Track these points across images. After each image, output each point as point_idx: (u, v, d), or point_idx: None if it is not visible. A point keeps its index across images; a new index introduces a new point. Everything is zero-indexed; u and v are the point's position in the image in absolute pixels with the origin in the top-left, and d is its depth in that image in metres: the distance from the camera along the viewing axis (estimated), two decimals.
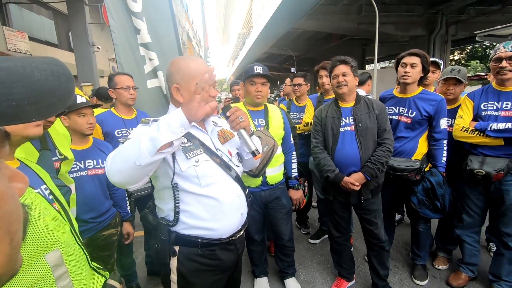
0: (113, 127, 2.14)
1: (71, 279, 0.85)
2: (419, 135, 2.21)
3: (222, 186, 1.22)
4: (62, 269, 0.83)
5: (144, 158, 0.93)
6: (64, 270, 0.83)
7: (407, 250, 2.82)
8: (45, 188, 0.93)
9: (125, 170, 0.97)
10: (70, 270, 0.85)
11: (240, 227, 1.31)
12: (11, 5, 8.52)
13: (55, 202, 0.92)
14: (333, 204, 2.15)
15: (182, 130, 0.97)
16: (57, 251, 0.82)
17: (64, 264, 0.83)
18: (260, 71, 1.96)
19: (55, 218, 0.87)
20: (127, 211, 2.00)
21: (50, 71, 0.25)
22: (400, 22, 16.16)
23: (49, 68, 0.25)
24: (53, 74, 0.25)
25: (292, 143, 2.26)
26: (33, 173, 0.94)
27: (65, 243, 0.86)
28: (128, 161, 0.95)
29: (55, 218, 0.87)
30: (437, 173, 2.16)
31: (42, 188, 0.91)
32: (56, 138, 1.42)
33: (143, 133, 0.96)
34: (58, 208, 0.92)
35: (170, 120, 0.96)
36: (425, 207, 2.19)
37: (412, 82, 2.18)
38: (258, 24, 22.85)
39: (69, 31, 9.62)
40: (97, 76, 8.80)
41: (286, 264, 2.37)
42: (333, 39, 21.09)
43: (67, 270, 0.84)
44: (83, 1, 8.37)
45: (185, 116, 0.97)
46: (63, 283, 0.83)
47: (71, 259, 0.87)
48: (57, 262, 0.81)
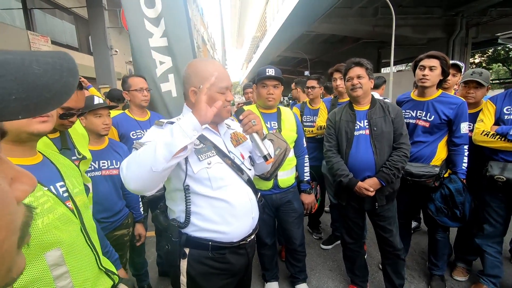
0: (128, 129, 2.18)
1: (72, 279, 0.85)
2: (438, 139, 2.13)
3: (234, 189, 1.21)
4: (62, 269, 0.83)
5: (160, 164, 0.93)
6: (64, 270, 0.83)
7: (424, 259, 2.72)
8: (61, 186, 0.93)
9: (141, 176, 0.97)
10: (71, 270, 0.85)
11: (251, 231, 1.29)
12: (36, 11, 8.91)
13: (69, 200, 0.93)
14: (346, 210, 2.10)
15: (195, 133, 0.97)
16: (57, 250, 0.82)
17: (64, 264, 0.83)
18: (272, 73, 1.95)
19: (63, 216, 0.87)
20: (139, 212, 2.02)
21: (52, 65, 0.23)
22: (417, 24, 15.81)
23: (52, 62, 0.24)
24: (54, 68, 0.23)
25: (304, 147, 2.23)
26: (53, 169, 0.95)
27: (69, 243, 0.86)
28: (144, 168, 0.95)
29: (63, 217, 0.87)
30: (456, 180, 2.06)
31: (57, 185, 0.92)
32: (75, 138, 1.46)
33: (157, 139, 0.96)
34: (71, 206, 0.92)
35: (182, 124, 0.96)
36: (443, 215, 2.10)
37: (430, 86, 2.10)
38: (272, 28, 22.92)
39: (89, 35, 9.95)
40: (115, 78, 9.03)
41: (297, 269, 2.33)
42: (347, 42, 20.87)
43: (68, 270, 0.84)
44: (103, 6, 8.64)
45: (197, 119, 0.97)
46: (63, 283, 0.83)
47: (74, 259, 0.87)
48: (56, 261, 0.81)
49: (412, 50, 20.34)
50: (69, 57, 0.25)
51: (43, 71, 0.22)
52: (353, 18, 15.48)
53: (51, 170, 0.94)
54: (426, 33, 16.27)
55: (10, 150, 0.84)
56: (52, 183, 0.90)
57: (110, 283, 1.00)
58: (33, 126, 0.83)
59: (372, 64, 1.97)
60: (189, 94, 1.21)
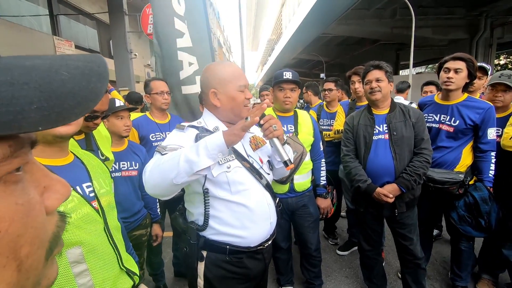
0: (148, 131, 2.22)
1: (92, 277, 0.87)
2: (462, 145, 2.04)
3: (253, 194, 1.21)
4: (83, 267, 0.86)
5: (182, 178, 0.97)
6: (84, 268, 0.86)
7: (446, 269, 2.61)
8: (88, 186, 0.96)
9: (161, 185, 1.02)
10: (91, 269, 0.87)
11: (268, 237, 1.29)
12: (61, 16, 9.31)
13: (95, 200, 0.96)
14: (364, 216, 2.05)
15: (220, 155, 0.99)
16: (78, 249, 0.84)
17: (84, 262, 0.86)
18: (289, 77, 1.94)
19: (87, 216, 0.90)
20: (157, 213, 2.06)
21: (81, 69, 0.22)
22: (438, 25, 15.34)
23: (82, 66, 0.23)
24: (83, 73, 0.22)
25: (321, 150, 2.20)
26: (82, 170, 0.98)
27: (90, 242, 0.88)
28: (166, 178, 0.99)
29: (86, 216, 0.89)
30: (482, 188, 1.97)
31: (84, 185, 0.95)
32: (99, 139, 1.51)
33: (182, 153, 0.98)
34: (97, 206, 0.95)
35: (209, 145, 0.97)
36: (466, 224, 2.01)
37: (455, 89, 2.01)
38: (288, 30, 22.90)
39: (110, 39, 10.30)
40: (134, 81, 9.30)
41: (313, 275, 2.29)
42: (365, 44, 20.52)
43: (88, 268, 0.86)
44: (124, 12, 8.93)
45: (225, 142, 0.98)
46: (83, 280, 0.85)
47: (95, 258, 0.89)
48: (76, 259, 0.84)
49: (432, 51, 19.76)
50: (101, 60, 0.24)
51: (70, 76, 0.22)
52: (370, 20, 15.21)
53: (81, 171, 0.98)
54: (448, 34, 15.75)
55: (41, 151, 0.88)
56: (79, 183, 0.94)
57: (131, 283, 1.02)
58: (56, 129, 0.86)
59: (391, 67, 1.92)
60: (209, 97, 1.23)
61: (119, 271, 0.99)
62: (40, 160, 0.86)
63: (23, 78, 0.19)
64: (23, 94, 0.19)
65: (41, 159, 0.88)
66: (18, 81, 0.19)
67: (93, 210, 0.93)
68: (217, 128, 1.23)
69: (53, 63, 0.21)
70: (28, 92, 0.19)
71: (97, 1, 11.05)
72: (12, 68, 0.20)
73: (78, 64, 0.23)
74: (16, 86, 0.19)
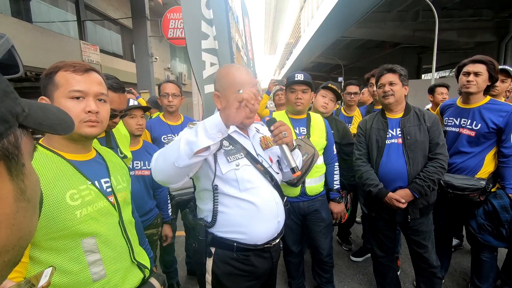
0: (160, 133, 2.28)
1: (104, 267, 0.92)
2: (485, 150, 1.96)
3: (261, 192, 1.22)
4: (96, 256, 0.91)
5: (183, 160, 0.99)
6: (97, 257, 0.91)
7: (466, 280, 2.49)
8: (106, 181, 1.02)
9: (165, 169, 1.05)
10: (104, 259, 0.92)
11: (276, 235, 1.29)
12: (87, 22, 9.78)
13: (111, 195, 1.01)
14: (377, 222, 2.01)
15: (220, 135, 1.00)
16: (92, 239, 0.90)
17: (98, 252, 0.91)
18: (300, 78, 1.95)
19: (103, 209, 0.95)
20: (167, 213, 2.08)
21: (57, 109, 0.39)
22: (464, 27, 14.78)
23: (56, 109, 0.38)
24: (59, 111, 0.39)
25: (334, 154, 2.17)
26: (102, 166, 1.05)
27: (104, 234, 0.93)
28: (169, 162, 1.02)
29: (103, 210, 0.95)
30: (503, 195, 1.88)
31: (102, 181, 1.01)
32: (118, 138, 1.58)
33: (182, 136, 1.02)
34: (113, 200, 1.01)
35: (207, 125, 0.99)
36: (486, 233, 1.92)
37: (476, 92, 1.95)
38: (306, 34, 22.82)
39: (132, 44, 10.69)
40: (154, 84, 9.57)
41: (324, 280, 2.26)
42: (385, 47, 20.07)
43: (101, 258, 0.92)
44: (146, 17, 9.25)
45: (222, 121, 0.99)
46: (96, 269, 0.91)
47: (109, 249, 0.94)
48: (91, 249, 0.90)
49: (457, 54, 19.01)
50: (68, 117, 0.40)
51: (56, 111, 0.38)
52: (391, 23, 14.89)
53: (100, 167, 1.04)
54: (474, 36, 15.13)
55: (65, 146, 0.95)
56: (97, 178, 1.00)
57: (141, 276, 1.06)
58: (82, 129, 0.94)
59: (411, 71, 1.88)
60: (214, 98, 1.27)
61: (131, 263, 1.03)
62: (64, 155, 0.94)
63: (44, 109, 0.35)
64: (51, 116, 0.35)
65: (66, 153, 0.95)
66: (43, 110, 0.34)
67: (109, 204, 0.98)
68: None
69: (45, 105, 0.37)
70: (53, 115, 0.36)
71: (121, 7, 11.50)
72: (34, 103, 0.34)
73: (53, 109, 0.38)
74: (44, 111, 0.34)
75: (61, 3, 8.76)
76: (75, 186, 0.90)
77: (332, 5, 12.74)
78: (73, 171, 0.93)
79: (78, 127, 0.93)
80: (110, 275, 0.94)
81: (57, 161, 0.91)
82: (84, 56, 8.60)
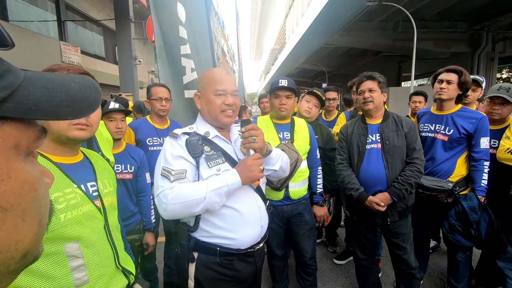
0: (145, 135, 2.25)
1: (88, 273, 0.90)
2: (457, 154, 2.07)
3: (242, 197, 1.23)
4: (79, 261, 0.88)
5: (201, 211, 1.14)
6: (81, 263, 0.89)
7: (443, 280, 2.58)
8: (92, 185, 1.00)
9: (182, 215, 1.16)
10: (87, 264, 0.90)
11: (259, 239, 1.30)
12: (68, 23, 9.51)
13: (98, 199, 1.00)
14: (358, 225, 2.05)
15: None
16: (75, 243, 0.88)
17: (82, 257, 0.89)
18: (284, 84, 1.98)
19: (88, 213, 0.93)
20: (150, 220, 1.99)
21: (83, 84, 0.31)
22: (440, 38, 15.52)
23: (82, 82, 0.31)
24: (85, 86, 0.31)
25: (318, 158, 2.21)
26: (89, 169, 1.03)
27: (89, 238, 0.91)
28: (189, 212, 1.13)
29: (88, 214, 0.93)
30: (472, 197, 1.98)
31: (88, 184, 0.99)
32: (100, 141, 1.55)
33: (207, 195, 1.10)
34: (99, 205, 0.99)
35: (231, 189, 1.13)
36: (457, 233, 2.02)
37: (448, 99, 2.06)
38: (291, 40, 23.17)
39: (115, 46, 10.48)
40: (137, 87, 9.41)
41: (308, 283, 2.27)
42: (367, 55, 20.71)
43: (84, 263, 0.89)
44: (130, 19, 9.11)
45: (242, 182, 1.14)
46: (79, 275, 0.88)
47: (93, 254, 0.92)
48: (74, 253, 0.87)
49: (434, 64, 19.89)
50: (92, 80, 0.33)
51: (78, 87, 0.30)
52: (373, 32, 15.41)
53: (87, 170, 1.03)
54: (450, 47, 15.91)
55: (52, 149, 0.94)
56: (84, 182, 0.98)
57: (126, 282, 1.03)
58: (71, 132, 0.93)
59: (392, 78, 1.96)
60: (194, 99, 1.29)
61: (115, 269, 1.01)
62: (51, 157, 0.92)
63: (52, 85, 0.28)
64: (56, 95, 0.28)
65: (52, 156, 0.93)
66: (50, 87, 0.28)
67: (95, 208, 0.96)
68: (208, 133, 1.26)
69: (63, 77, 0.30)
70: (58, 95, 0.28)
71: (104, 8, 11.28)
72: (41, 78, 0.28)
73: (79, 80, 0.31)
74: (50, 90, 0.28)
75: (41, 2, 8.48)
76: (60, 189, 0.88)
77: (316, 13, 13.03)
78: (59, 173, 0.91)
79: (67, 130, 0.92)
80: (94, 281, 0.91)
81: (43, 163, 0.89)
82: (64, 57, 8.35)
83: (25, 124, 0.28)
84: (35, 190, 0.29)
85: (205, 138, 1.23)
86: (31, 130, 0.28)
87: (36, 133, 0.29)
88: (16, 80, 0.26)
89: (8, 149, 0.26)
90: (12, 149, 0.27)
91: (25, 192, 0.28)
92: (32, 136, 0.28)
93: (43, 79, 0.28)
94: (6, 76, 0.25)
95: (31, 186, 0.28)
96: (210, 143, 1.23)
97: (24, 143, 0.28)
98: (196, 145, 1.18)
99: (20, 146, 0.27)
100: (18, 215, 0.27)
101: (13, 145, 0.27)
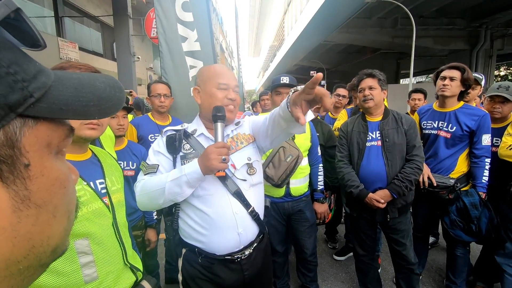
0: (147, 131, 2.26)
1: (97, 269, 0.91)
2: (459, 151, 2.08)
3: (215, 200, 1.16)
4: (89, 258, 0.90)
5: (168, 203, 1.15)
6: (90, 259, 0.90)
7: (442, 276, 2.61)
8: (101, 183, 1.02)
9: (151, 206, 1.20)
10: (96, 261, 0.91)
11: (241, 248, 1.20)
12: (66, 19, 9.42)
13: (106, 196, 1.01)
14: (358, 221, 2.07)
15: (199, 182, 1.13)
16: (85, 240, 0.89)
17: (91, 254, 0.90)
18: (286, 81, 1.99)
19: (97, 210, 0.94)
20: (151, 216, 2.02)
21: (107, 83, 0.32)
22: (439, 35, 15.52)
23: (107, 82, 0.32)
24: (109, 86, 0.32)
25: (319, 155, 2.22)
26: (98, 167, 1.04)
27: (98, 235, 0.92)
28: (155, 203, 1.16)
29: (97, 211, 0.94)
30: (473, 194, 2.00)
31: (97, 182, 1.01)
32: (103, 139, 1.55)
33: (166, 186, 1.10)
34: (107, 202, 1.00)
35: (190, 179, 1.08)
36: (458, 229, 2.04)
37: (450, 96, 2.07)
38: (290, 37, 23.11)
39: (114, 42, 10.42)
40: (136, 84, 9.37)
41: (308, 279, 2.30)
42: (366, 52, 20.71)
43: (94, 260, 0.91)
44: (128, 15, 9.04)
45: (202, 173, 1.07)
46: (89, 271, 0.90)
47: (102, 250, 0.93)
48: (84, 250, 0.89)
49: (432, 61, 19.93)
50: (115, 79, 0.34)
51: (103, 87, 0.31)
52: (372, 29, 15.39)
53: (96, 168, 1.04)
54: (448, 44, 15.93)
55: None
56: (93, 179, 0.99)
57: (133, 279, 1.05)
58: (82, 131, 0.95)
59: (391, 75, 1.97)
60: (193, 94, 1.28)
61: (123, 266, 1.02)
62: None
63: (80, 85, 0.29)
64: (84, 95, 0.29)
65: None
66: (77, 87, 0.29)
67: (103, 206, 0.97)
68: (195, 131, 1.25)
69: (89, 77, 0.31)
70: (86, 95, 0.29)
71: (102, 4, 11.18)
72: (69, 78, 0.29)
73: (104, 79, 0.32)
74: (78, 90, 0.28)
75: None
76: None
77: (315, 10, 12.99)
78: None
79: (79, 129, 0.94)
80: (102, 277, 0.93)
81: None
82: (62, 54, 8.28)
83: (56, 124, 0.28)
84: (64, 187, 0.30)
85: (188, 136, 1.23)
86: (61, 129, 0.29)
87: (65, 132, 0.30)
88: (48, 80, 0.26)
89: (41, 148, 0.27)
90: (45, 147, 0.27)
91: (56, 189, 0.28)
92: (62, 135, 0.29)
93: (72, 79, 0.29)
94: (39, 77, 0.26)
95: (62, 184, 0.29)
96: (195, 141, 1.22)
97: (55, 141, 0.28)
98: (174, 142, 1.20)
99: (51, 144, 0.28)
100: (50, 211, 0.28)
101: (45, 144, 0.27)
